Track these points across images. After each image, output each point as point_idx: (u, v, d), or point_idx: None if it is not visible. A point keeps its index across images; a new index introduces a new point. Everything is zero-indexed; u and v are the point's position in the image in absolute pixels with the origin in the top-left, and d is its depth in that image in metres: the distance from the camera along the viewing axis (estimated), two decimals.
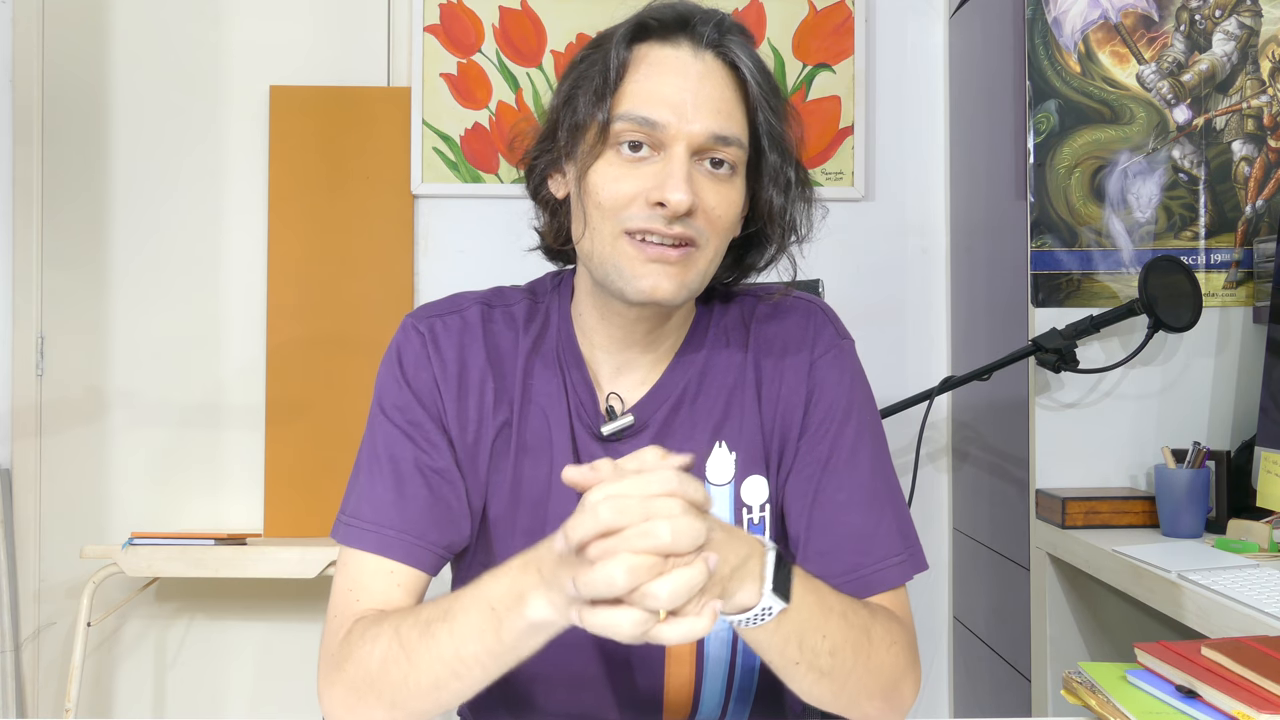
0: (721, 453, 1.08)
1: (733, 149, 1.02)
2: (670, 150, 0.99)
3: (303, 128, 2.60)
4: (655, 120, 0.99)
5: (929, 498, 2.65)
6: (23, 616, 2.57)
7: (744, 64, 1.02)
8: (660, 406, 1.08)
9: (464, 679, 0.91)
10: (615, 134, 1.00)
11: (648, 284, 0.99)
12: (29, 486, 2.57)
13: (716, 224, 1.01)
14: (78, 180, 2.62)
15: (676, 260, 1.00)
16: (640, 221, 0.99)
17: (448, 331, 1.09)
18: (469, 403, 1.07)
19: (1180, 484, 1.80)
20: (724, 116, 1.01)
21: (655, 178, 0.99)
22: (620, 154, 1.01)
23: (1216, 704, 0.93)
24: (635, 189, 0.99)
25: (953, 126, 2.64)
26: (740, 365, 1.10)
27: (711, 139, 1.00)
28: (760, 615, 0.86)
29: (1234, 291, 2.02)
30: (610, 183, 1.00)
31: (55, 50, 2.61)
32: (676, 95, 1.00)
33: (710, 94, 1.00)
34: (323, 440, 2.54)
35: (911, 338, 2.67)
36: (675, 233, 0.99)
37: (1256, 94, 2.03)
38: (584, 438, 1.07)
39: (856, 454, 1.07)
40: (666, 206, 0.98)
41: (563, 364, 1.09)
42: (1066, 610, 1.97)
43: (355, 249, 2.60)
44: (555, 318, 1.11)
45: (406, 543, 1.03)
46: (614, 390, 1.09)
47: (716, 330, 1.12)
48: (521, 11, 2.63)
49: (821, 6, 2.64)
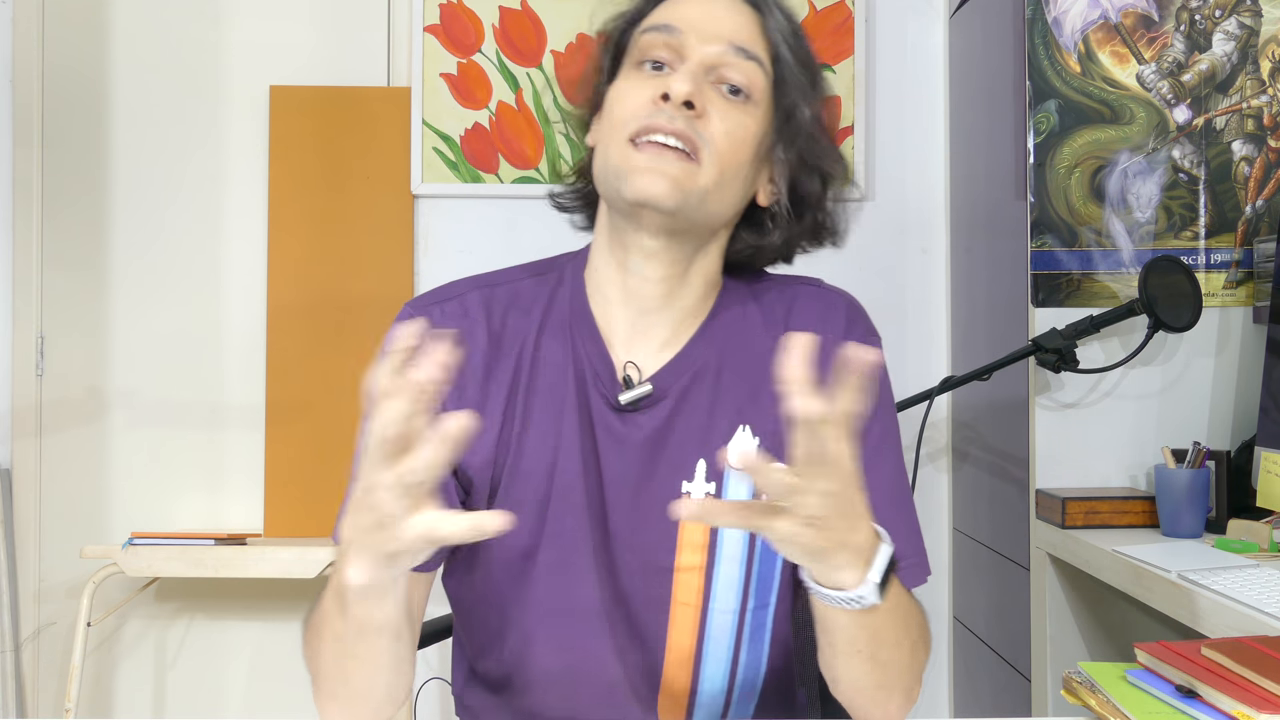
0: (745, 436, 1.06)
1: (751, 65, 1.02)
2: (686, 60, 1.01)
3: (303, 128, 2.60)
4: (673, 25, 1.02)
5: (929, 498, 2.65)
6: (23, 616, 2.57)
7: (771, 8, 1.05)
8: (680, 377, 1.06)
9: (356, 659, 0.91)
10: (638, 50, 1.03)
11: (643, 181, 0.98)
12: (29, 486, 2.57)
13: (723, 141, 1.00)
14: (78, 180, 2.62)
15: (673, 161, 0.98)
16: (643, 119, 0.99)
17: (446, 319, 1.08)
18: (468, 390, 1.05)
19: (1180, 484, 1.80)
20: (744, 34, 1.03)
21: (666, 82, 1.00)
22: (640, 71, 1.03)
23: (1216, 704, 0.93)
24: (645, 95, 1.00)
25: (953, 126, 2.64)
26: (769, 351, 1.06)
27: (728, 49, 1.01)
28: (850, 600, 0.86)
29: (1234, 291, 2.02)
30: (623, 95, 1.02)
31: (55, 50, 2.61)
32: (697, 12, 1.03)
33: (732, 16, 1.03)
34: (323, 440, 2.54)
35: (911, 338, 2.67)
36: (676, 128, 0.98)
37: (1256, 94, 2.03)
38: (599, 406, 1.05)
39: (880, 453, 1.06)
40: (669, 99, 0.98)
41: (574, 334, 1.07)
42: (1066, 610, 1.97)
43: (355, 249, 2.60)
44: (569, 285, 1.09)
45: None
46: (630, 359, 1.06)
47: (747, 311, 1.10)
48: (521, 11, 2.63)
49: (821, 6, 2.64)
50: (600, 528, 1.04)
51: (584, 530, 1.04)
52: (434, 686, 2.51)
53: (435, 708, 2.58)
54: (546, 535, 1.04)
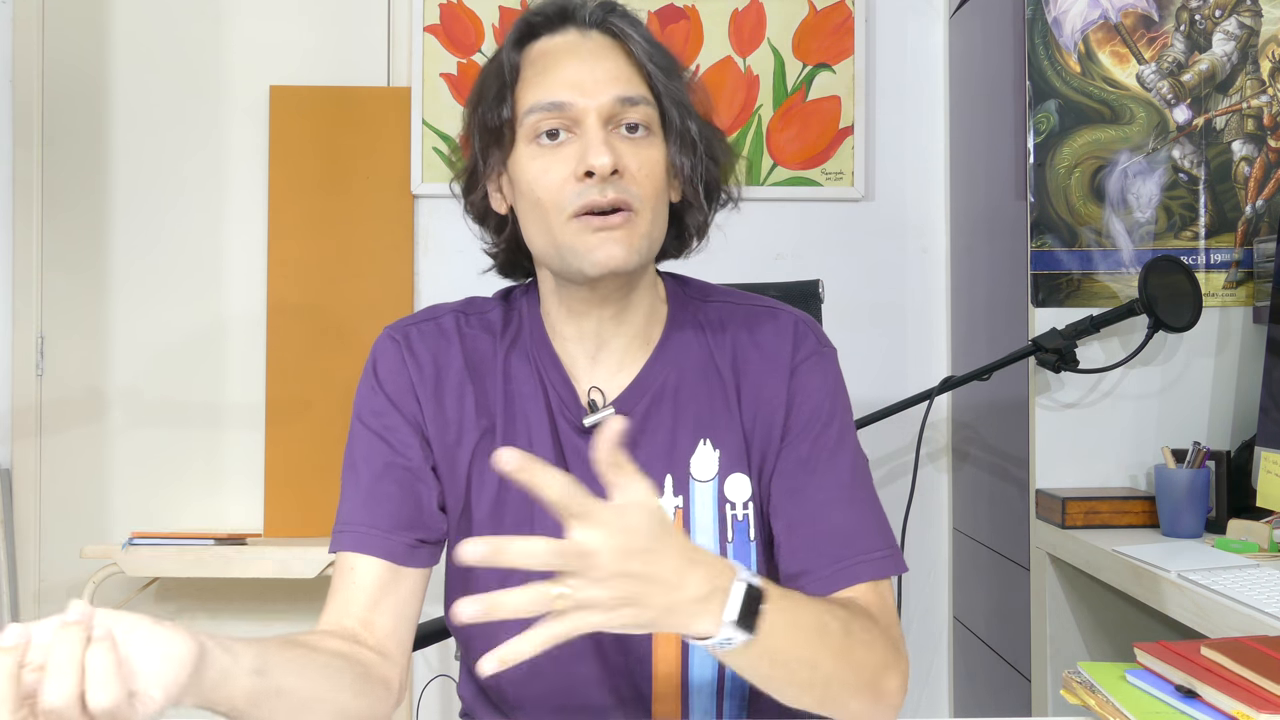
0: (705, 449, 1.09)
1: (641, 108, 1.04)
2: (584, 124, 1.03)
3: (303, 128, 2.60)
4: (561, 101, 1.03)
5: (929, 498, 2.65)
6: (23, 616, 2.57)
7: (630, 34, 1.06)
8: (641, 399, 1.10)
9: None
10: (530, 128, 1.04)
11: (601, 255, 1.02)
12: (29, 486, 2.57)
13: (645, 184, 1.04)
14: (78, 181, 2.62)
15: (620, 225, 1.02)
16: (577, 199, 1.02)
17: (423, 338, 1.12)
18: (446, 404, 1.09)
19: (1180, 484, 1.80)
20: (624, 81, 1.04)
21: (577, 154, 1.02)
22: (541, 145, 1.04)
23: (1216, 704, 0.93)
24: (563, 172, 1.02)
25: (953, 126, 2.64)
26: (719, 367, 1.11)
27: (617, 103, 1.03)
28: (718, 645, 0.86)
29: (1234, 291, 2.02)
30: (540, 175, 1.04)
31: (55, 50, 2.61)
32: (575, 74, 1.04)
33: (606, 66, 1.05)
34: (323, 440, 2.54)
35: (911, 338, 2.66)
36: (610, 199, 1.01)
37: (1256, 94, 2.03)
38: (566, 431, 1.09)
39: (836, 457, 1.08)
40: (594, 174, 1.00)
41: (538, 364, 1.11)
42: (1066, 610, 1.97)
43: (355, 249, 2.60)
44: (527, 320, 1.13)
45: (374, 536, 1.05)
46: (593, 384, 1.10)
47: (696, 329, 1.13)
48: (521, 11, 2.63)
49: (821, 6, 2.64)
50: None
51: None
52: (436, 685, 2.51)
53: (436, 707, 2.58)
54: None
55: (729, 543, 1.09)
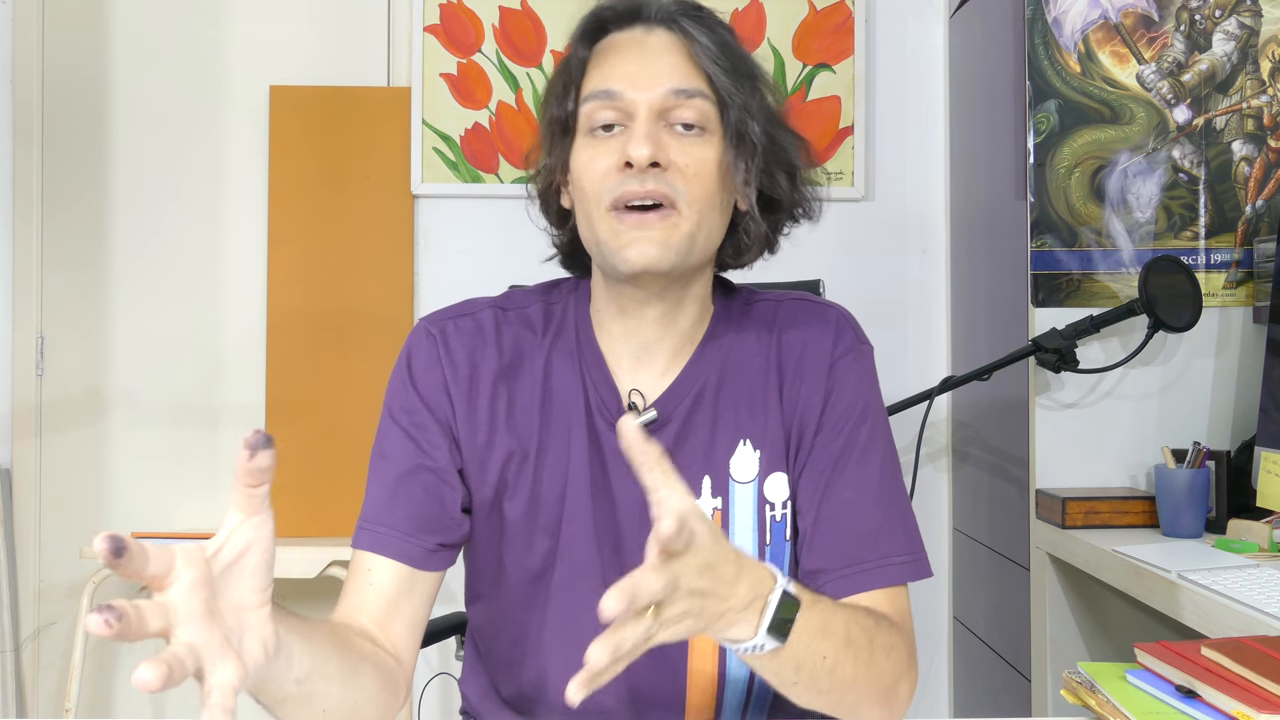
0: (746, 450, 1.08)
1: (696, 103, 1.03)
2: (635, 117, 1.02)
3: (303, 128, 2.60)
4: (613, 90, 1.02)
5: (929, 498, 2.65)
6: (23, 616, 2.57)
7: (693, 33, 1.05)
8: (682, 401, 1.08)
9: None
10: (586, 119, 1.04)
11: (634, 252, 1.00)
12: (29, 486, 2.57)
13: (693, 183, 1.02)
14: (78, 180, 2.62)
15: (656, 223, 1.01)
16: (616, 189, 1.01)
17: (460, 334, 1.10)
18: (479, 404, 1.08)
19: (1180, 484, 1.80)
20: (680, 75, 1.03)
21: (623, 145, 1.01)
22: (595, 137, 1.04)
23: (1216, 704, 0.93)
24: (607, 163, 1.02)
25: (953, 126, 2.64)
26: (763, 364, 1.10)
27: (670, 95, 1.02)
28: (750, 649, 0.86)
29: (1234, 291, 2.02)
30: (587, 164, 1.03)
31: (55, 50, 2.61)
32: (632, 67, 1.03)
33: (665, 60, 1.04)
34: (323, 440, 2.54)
35: (911, 338, 2.67)
36: (649, 190, 1.00)
37: (1256, 94, 2.03)
38: (606, 432, 1.07)
39: (868, 455, 1.07)
40: (633, 164, 0.99)
41: (582, 362, 1.09)
42: (1066, 610, 1.97)
43: (355, 249, 2.60)
44: (573, 317, 1.12)
45: (394, 538, 1.04)
46: (634, 386, 1.09)
47: (739, 328, 1.12)
48: (521, 11, 2.63)
49: (821, 6, 2.64)
50: (614, 551, 1.07)
51: (596, 554, 1.06)
52: (437, 684, 2.51)
53: (436, 707, 2.58)
54: (560, 558, 1.07)
55: (767, 545, 1.08)
